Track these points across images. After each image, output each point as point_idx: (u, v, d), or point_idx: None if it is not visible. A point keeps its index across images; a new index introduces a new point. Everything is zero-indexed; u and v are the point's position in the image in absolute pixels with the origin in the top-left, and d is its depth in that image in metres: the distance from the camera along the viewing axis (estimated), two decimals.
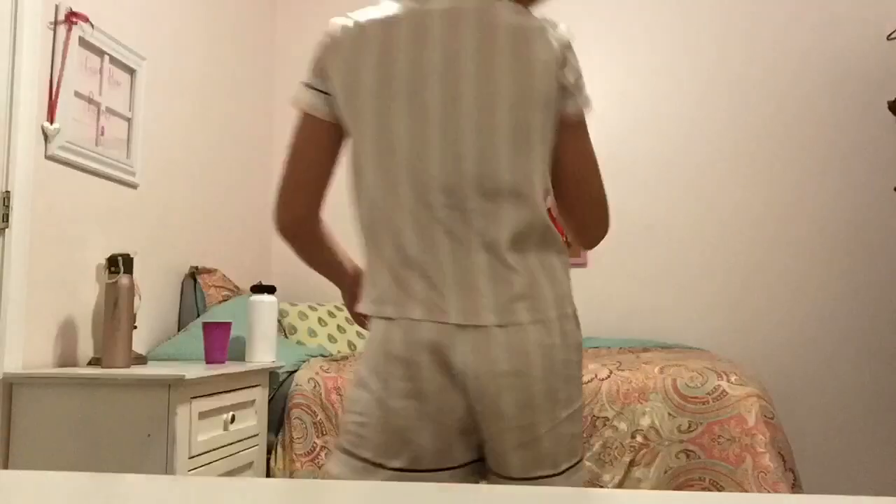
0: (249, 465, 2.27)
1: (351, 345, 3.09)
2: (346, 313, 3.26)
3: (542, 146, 1.07)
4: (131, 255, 2.21)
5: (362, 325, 1.26)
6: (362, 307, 1.11)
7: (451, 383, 1.03)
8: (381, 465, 1.04)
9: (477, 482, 1.09)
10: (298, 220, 1.15)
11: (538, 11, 3.09)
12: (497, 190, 1.04)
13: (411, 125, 1.05)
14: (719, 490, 2.03)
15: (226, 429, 2.12)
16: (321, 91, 1.12)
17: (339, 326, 3.12)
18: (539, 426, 1.04)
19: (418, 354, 1.03)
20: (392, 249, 1.07)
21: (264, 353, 2.43)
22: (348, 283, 1.25)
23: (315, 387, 2.41)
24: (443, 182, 1.04)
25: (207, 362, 2.28)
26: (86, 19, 2.23)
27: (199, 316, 2.76)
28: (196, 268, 2.85)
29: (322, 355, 2.72)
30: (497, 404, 1.02)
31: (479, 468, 1.11)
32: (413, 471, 1.04)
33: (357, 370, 1.11)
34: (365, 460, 1.05)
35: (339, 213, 2.54)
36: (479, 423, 1.05)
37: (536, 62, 1.05)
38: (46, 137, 2.10)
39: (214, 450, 2.06)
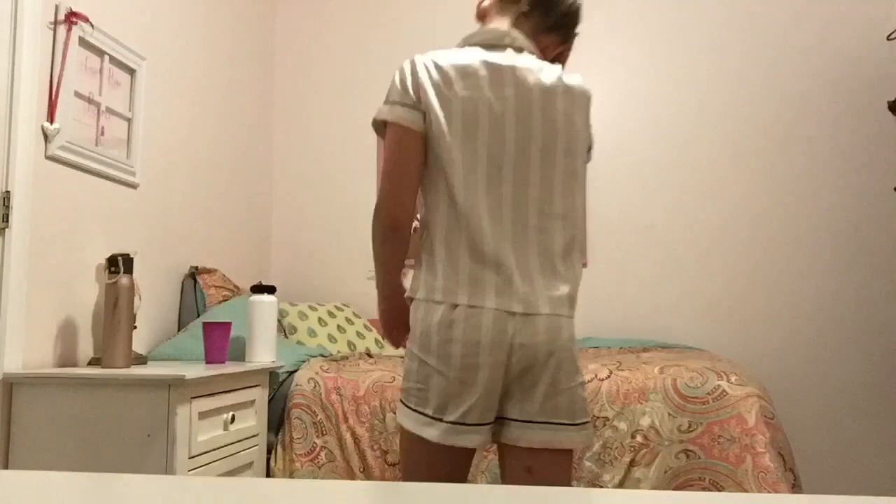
0: (249, 465, 2.27)
1: (351, 345, 3.09)
2: (345, 313, 3.26)
3: (582, 181, 1.43)
4: (131, 255, 2.21)
5: (395, 341, 1.49)
6: (424, 294, 1.35)
7: (505, 359, 1.30)
8: (440, 420, 1.31)
9: (492, 437, 1.38)
10: (407, 218, 1.37)
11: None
12: (552, 213, 1.37)
13: (492, 154, 1.34)
14: (719, 490, 2.03)
15: (226, 429, 2.12)
16: (416, 109, 1.34)
17: (339, 326, 3.12)
18: (561, 383, 1.33)
19: (483, 335, 1.30)
20: (467, 249, 1.32)
21: (264, 353, 2.43)
22: (396, 300, 1.44)
23: (315, 387, 2.41)
24: (511, 203, 1.35)
25: (207, 362, 2.28)
26: (86, 19, 2.24)
27: (199, 316, 2.76)
28: (196, 268, 2.85)
29: (322, 355, 2.72)
30: (536, 357, 1.31)
31: (493, 427, 1.38)
32: (462, 424, 1.30)
33: (413, 347, 1.36)
34: (426, 415, 1.32)
35: (339, 215, 2.55)
36: (513, 386, 1.33)
37: (580, 122, 1.40)
38: (46, 137, 2.10)
39: (214, 450, 2.06)
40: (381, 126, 1.39)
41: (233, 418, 2.13)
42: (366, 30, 3.81)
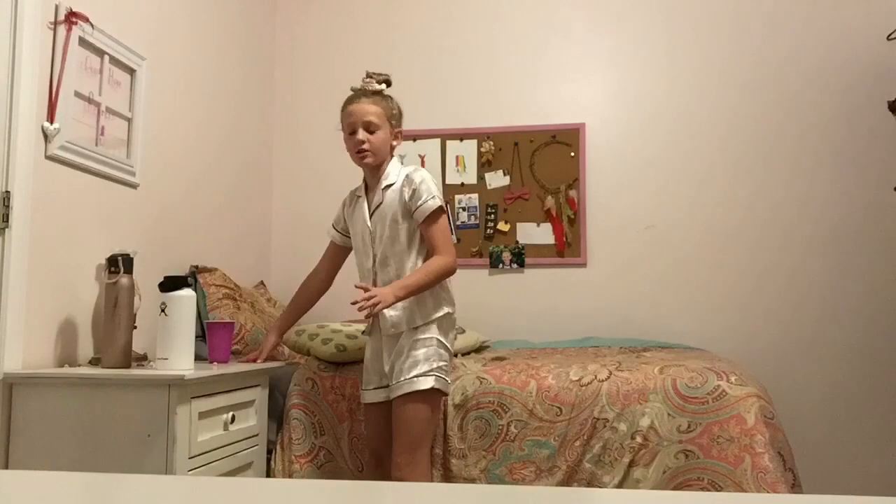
0: (249, 465, 2.28)
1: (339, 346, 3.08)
2: (344, 316, 3.26)
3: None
4: (131, 255, 2.21)
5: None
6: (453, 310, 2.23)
7: None
8: None
9: None
10: None
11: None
12: None
13: None
14: (718, 490, 2.03)
15: (226, 429, 2.12)
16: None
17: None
18: None
19: None
20: None
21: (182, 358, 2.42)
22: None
23: (314, 387, 2.42)
24: None
25: (211, 361, 2.29)
26: (86, 19, 2.23)
27: (199, 315, 2.76)
28: (196, 267, 2.85)
29: None
30: None
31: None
32: None
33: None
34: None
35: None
36: None
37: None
38: (46, 137, 2.10)
39: (214, 450, 2.06)
40: (438, 210, 2.12)
41: (233, 418, 2.14)
42: (366, 30, 3.81)
